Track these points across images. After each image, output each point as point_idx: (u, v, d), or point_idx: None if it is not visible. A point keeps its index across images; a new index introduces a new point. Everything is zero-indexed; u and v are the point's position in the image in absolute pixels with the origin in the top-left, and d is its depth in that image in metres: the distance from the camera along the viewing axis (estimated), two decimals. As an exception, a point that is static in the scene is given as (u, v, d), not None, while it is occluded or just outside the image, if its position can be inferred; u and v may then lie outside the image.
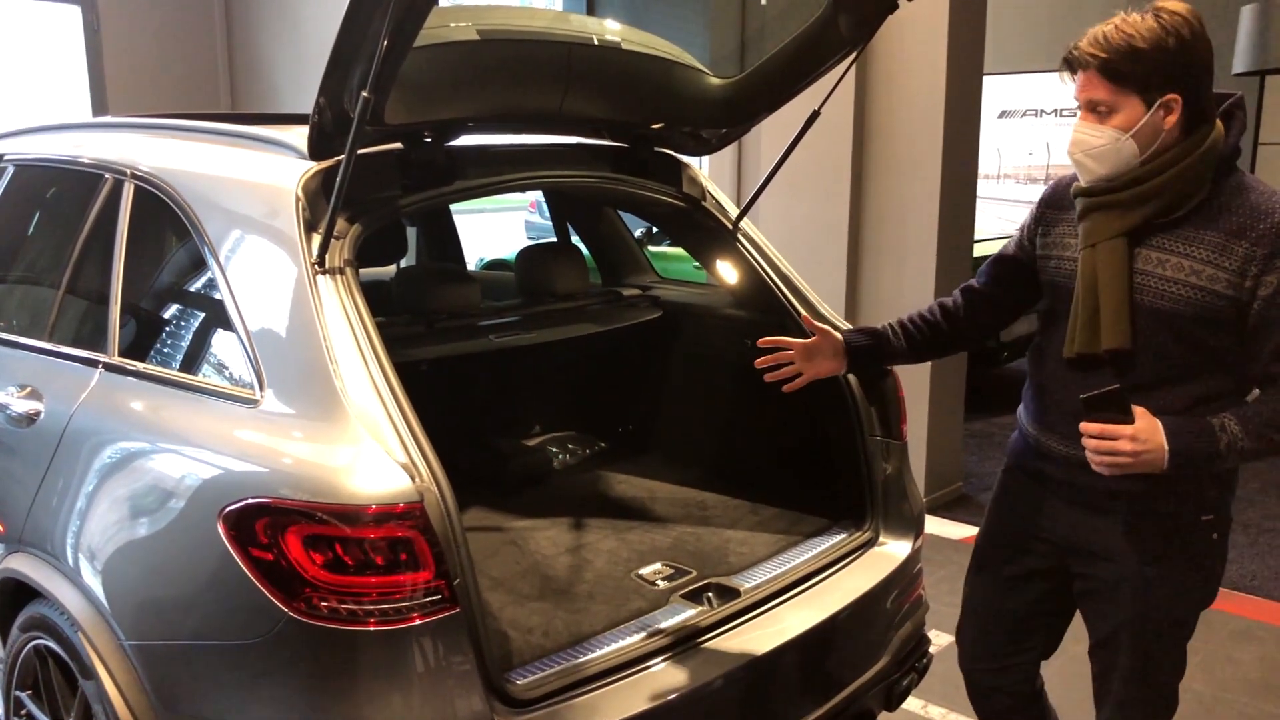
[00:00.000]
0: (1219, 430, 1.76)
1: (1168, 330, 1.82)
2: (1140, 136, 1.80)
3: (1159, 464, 1.77)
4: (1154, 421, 1.77)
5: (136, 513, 2.03)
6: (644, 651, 2.11)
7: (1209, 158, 1.80)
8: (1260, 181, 1.84)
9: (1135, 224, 1.83)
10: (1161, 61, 1.75)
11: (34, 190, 2.87)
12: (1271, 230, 1.75)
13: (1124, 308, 1.82)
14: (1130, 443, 1.75)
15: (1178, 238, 1.82)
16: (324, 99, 1.95)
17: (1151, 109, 1.77)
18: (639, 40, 2.54)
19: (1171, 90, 1.77)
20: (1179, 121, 1.79)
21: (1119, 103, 1.79)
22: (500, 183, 2.42)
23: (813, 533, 2.72)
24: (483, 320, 2.87)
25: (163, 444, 2.05)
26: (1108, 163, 1.83)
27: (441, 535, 1.79)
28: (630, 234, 3.59)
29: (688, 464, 3.19)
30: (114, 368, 2.26)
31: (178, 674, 1.94)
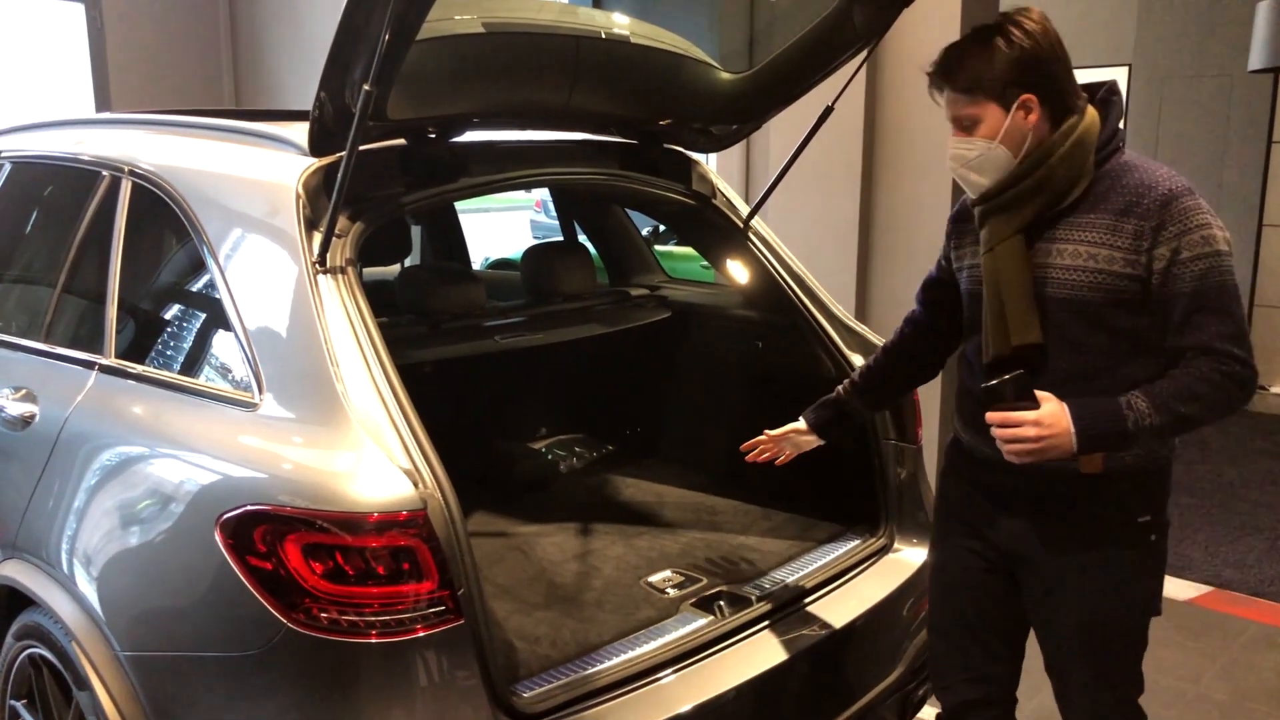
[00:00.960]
0: (1125, 408, 1.73)
1: (1080, 319, 1.81)
2: (1008, 140, 1.83)
3: (1067, 447, 1.74)
4: (1059, 405, 1.76)
5: (132, 520, 1.97)
6: (654, 662, 2.06)
7: (1083, 145, 1.82)
8: (1147, 160, 1.85)
9: (1027, 220, 1.85)
10: (1008, 66, 1.79)
11: (31, 188, 2.82)
12: (1156, 203, 1.76)
13: (1028, 303, 1.83)
14: (1034, 427, 1.74)
15: (1070, 226, 1.83)
16: (325, 93, 1.89)
17: (1010, 112, 1.81)
18: (648, 34, 2.48)
19: (1025, 91, 1.80)
20: (1042, 118, 1.82)
21: (980, 113, 1.83)
22: (505, 180, 2.36)
23: (825, 539, 2.66)
24: (488, 321, 2.81)
25: (159, 449, 1.99)
26: (986, 171, 1.87)
27: (445, 544, 1.73)
28: (638, 233, 3.53)
29: (697, 468, 3.13)
30: (110, 370, 2.21)
31: (174, 686, 1.88)
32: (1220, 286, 1.73)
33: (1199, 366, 1.73)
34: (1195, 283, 1.73)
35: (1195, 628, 3.76)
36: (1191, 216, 1.74)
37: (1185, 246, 1.73)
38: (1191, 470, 5.58)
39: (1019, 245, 1.84)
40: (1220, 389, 1.72)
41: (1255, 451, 5.94)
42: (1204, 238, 1.73)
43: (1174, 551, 4.36)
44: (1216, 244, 1.73)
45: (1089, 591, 1.91)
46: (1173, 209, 1.74)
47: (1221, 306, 1.72)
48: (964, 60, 1.83)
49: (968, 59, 1.83)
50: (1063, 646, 1.98)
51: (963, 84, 1.83)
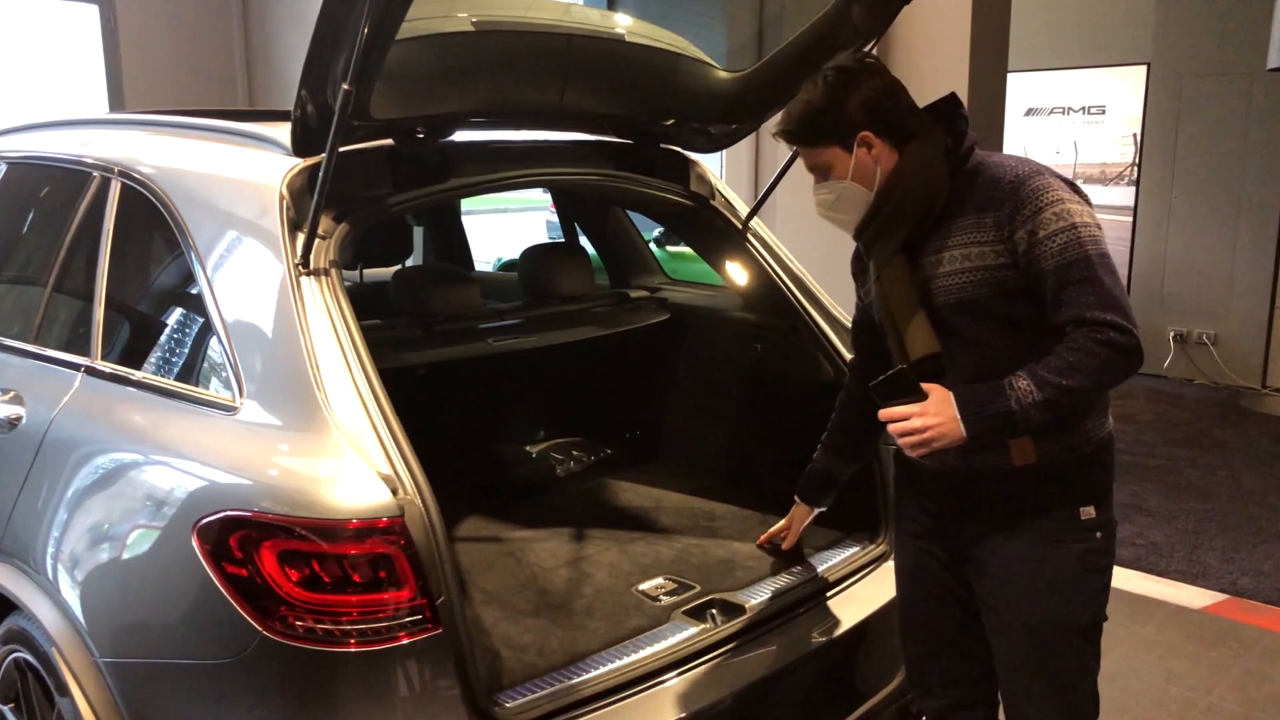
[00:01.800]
0: (1008, 389, 1.76)
1: (974, 319, 1.85)
2: (859, 177, 1.91)
3: (956, 433, 1.78)
4: (945, 394, 1.80)
5: (112, 525, 1.95)
6: (642, 672, 2.02)
7: (929, 163, 1.88)
8: (1000, 155, 1.91)
9: (901, 242, 1.90)
10: (836, 112, 1.88)
11: (25, 188, 2.81)
12: (1006, 190, 1.80)
13: (918, 317, 1.87)
14: (920, 418, 1.79)
15: (944, 235, 1.87)
16: (305, 92, 1.86)
17: (853, 152, 1.89)
18: (644, 32, 2.44)
19: (860, 130, 1.88)
20: (885, 149, 1.89)
21: (826, 159, 1.92)
22: (497, 180, 2.33)
23: (824, 546, 2.61)
24: (483, 323, 2.78)
25: (139, 453, 1.97)
26: (848, 209, 1.95)
27: (424, 552, 1.70)
28: (639, 234, 3.49)
29: (696, 472, 3.08)
30: (95, 372, 2.19)
31: (152, 694, 1.86)
32: (1083, 258, 1.74)
33: (1076, 339, 1.74)
34: (1057, 258, 1.75)
35: (1209, 637, 3.68)
36: (1041, 195, 1.77)
37: (1040, 225, 1.76)
38: (1209, 476, 5.50)
39: (901, 265, 1.90)
40: (1098, 357, 1.72)
41: (1274, 457, 5.84)
42: (1057, 213, 1.75)
43: (1189, 558, 4.34)
44: (1072, 217, 1.75)
45: (1034, 590, 1.89)
46: (1022, 192, 1.78)
47: (1087, 276, 1.73)
48: (800, 117, 1.92)
49: (805, 115, 1.91)
50: (1011, 653, 1.95)
51: (805, 139, 1.93)
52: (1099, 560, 1.91)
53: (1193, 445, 6.05)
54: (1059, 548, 1.88)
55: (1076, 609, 1.90)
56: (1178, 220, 7.56)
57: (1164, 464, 5.69)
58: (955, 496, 1.97)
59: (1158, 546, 4.53)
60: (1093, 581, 1.91)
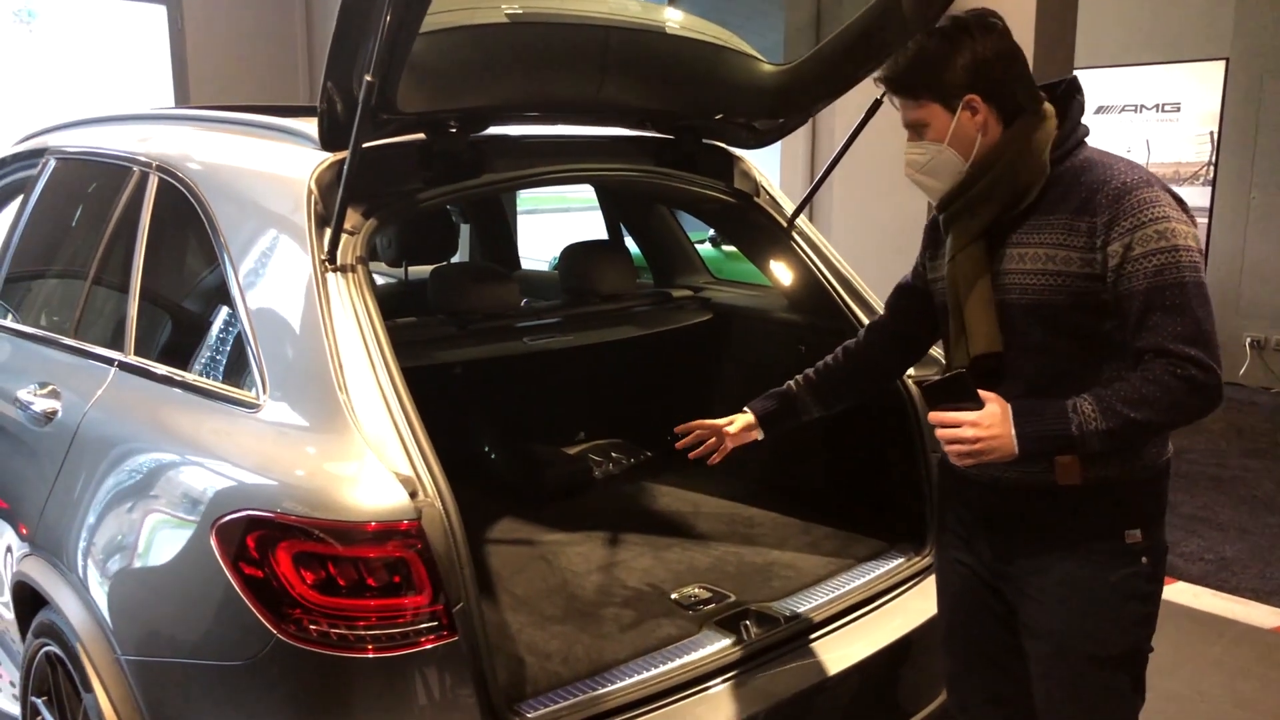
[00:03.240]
0: (1071, 411, 1.64)
1: (1044, 325, 1.73)
2: (957, 143, 1.77)
3: (1007, 449, 1.66)
4: (1003, 406, 1.68)
5: (136, 521, 1.94)
6: (669, 685, 1.96)
7: (1035, 145, 1.74)
8: (1110, 155, 1.76)
9: (985, 226, 1.77)
10: (944, 66, 1.74)
11: (71, 184, 2.83)
12: (1110, 197, 1.66)
13: (986, 312, 1.76)
14: (972, 428, 1.67)
15: (1030, 228, 1.75)
16: (330, 84, 1.83)
17: (955, 114, 1.76)
18: (686, 25, 2.37)
19: (969, 91, 1.74)
20: (990, 119, 1.76)
21: (926, 116, 1.78)
22: (530, 176, 2.28)
23: (867, 556, 2.52)
24: (521, 321, 2.73)
25: (164, 449, 1.96)
26: (938, 175, 1.81)
27: (442, 557, 1.65)
28: (683, 232, 3.41)
29: (737, 477, 3.00)
30: (128, 367, 2.18)
31: (171, 694, 1.84)
32: (1178, 284, 1.61)
33: (1152, 369, 1.61)
34: (1149, 280, 1.61)
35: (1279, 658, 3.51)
36: (1146, 209, 1.63)
37: (1138, 241, 1.62)
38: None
39: (978, 252, 1.78)
40: (1173, 394, 1.60)
41: (1356, 469, 5.58)
42: (1159, 231, 1.62)
43: (1261, 575, 4.14)
44: (1175, 238, 1.62)
45: (1067, 614, 1.77)
46: (1126, 202, 1.64)
47: (1178, 304, 1.60)
48: (906, 65, 1.79)
49: (911, 63, 1.78)
50: (1044, 678, 1.83)
51: (907, 88, 1.79)
52: (1143, 587, 1.78)
53: (1267, 456, 5.80)
54: (1098, 571, 1.76)
55: (1113, 637, 1.78)
56: (1256, 221, 7.28)
57: (1237, 475, 5.46)
58: (994, 509, 1.86)
59: (1228, 562, 4.34)
60: (1133, 609, 1.78)
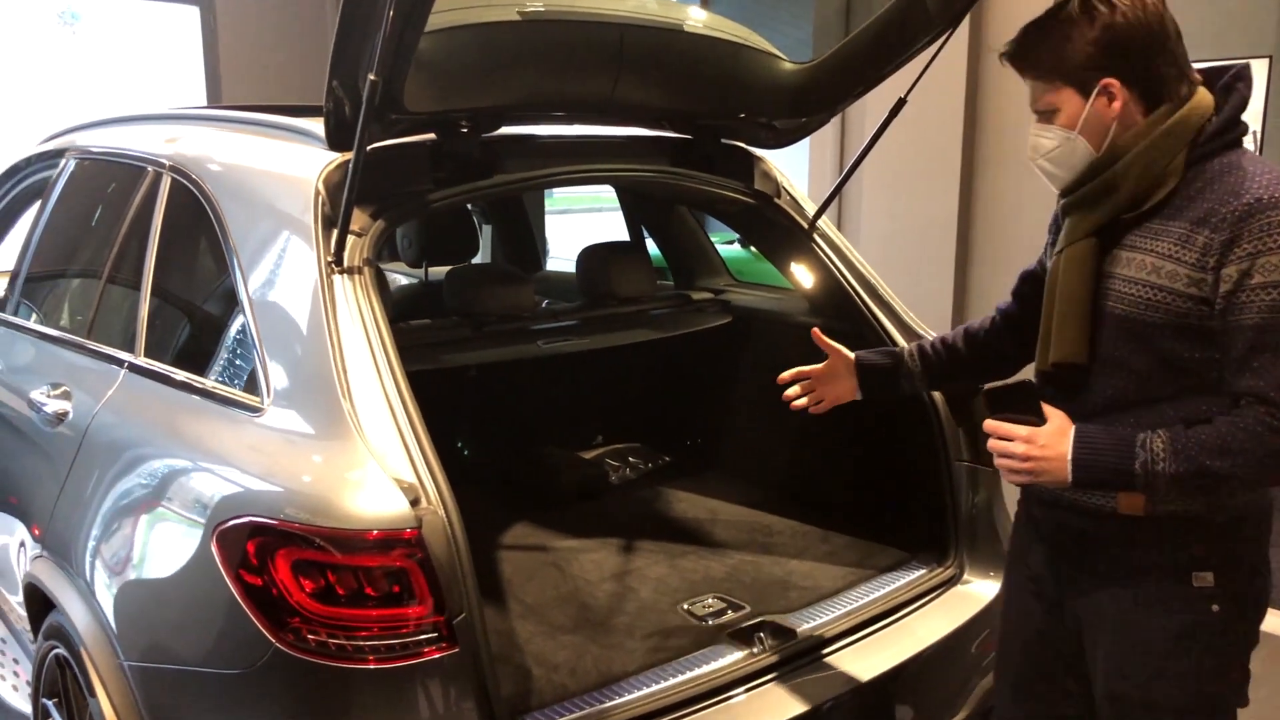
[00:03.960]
0: (1139, 447, 1.48)
1: (1134, 342, 1.56)
2: (1088, 131, 1.59)
3: (1060, 474, 1.54)
4: (1064, 427, 1.55)
5: (140, 525, 1.92)
6: (679, 698, 1.91)
7: (1172, 139, 1.54)
8: (1258, 161, 1.54)
9: (1101, 221, 1.60)
10: (1087, 47, 1.55)
11: (88, 184, 2.83)
12: (1236, 213, 1.46)
13: (1077, 317, 1.60)
14: (1025, 445, 1.55)
15: (1146, 232, 1.57)
16: (336, 82, 1.80)
17: (1090, 100, 1.57)
18: (704, 22, 2.32)
19: (1107, 75, 1.55)
20: (1130, 106, 1.57)
21: (1056, 99, 1.60)
22: (543, 177, 2.24)
23: (888, 567, 2.45)
24: (537, 324, 2.69)
25: (168, 453, 1.94)
26: (1066, 165, 1.63)
27: (444, 566, 1.61)
28: (705, 234, 3.36)
29: (756, 483, 2.95)
30: (137, 369, 2.17)
31: (172, 701, 1.82)
32: None
33: (1246, 417, 1.44)
34: (1262, 314, 1.43)
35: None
36: (1273, 232, 1.43)
37: (1259, 269, 1.43)
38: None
39: (1087, 250, 1.60)
40: (1265, 447, 1.43)
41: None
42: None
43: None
44: None
45: (1120, 655, 1.64)
46: (1254, 223, 1.44)
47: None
48: (1038, 40, 1.59)
49: (1043, 39, 1.59)
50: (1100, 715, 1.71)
51: (1036, 68, 1.61)
52: (1212, 639, 1.58)
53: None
54: (1153, 614, 1.60)
55: (1168, 688, 1.60)
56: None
57: None
58: (1058, 526, 1.72)
59: None
60: (1195, 662, 1.58)
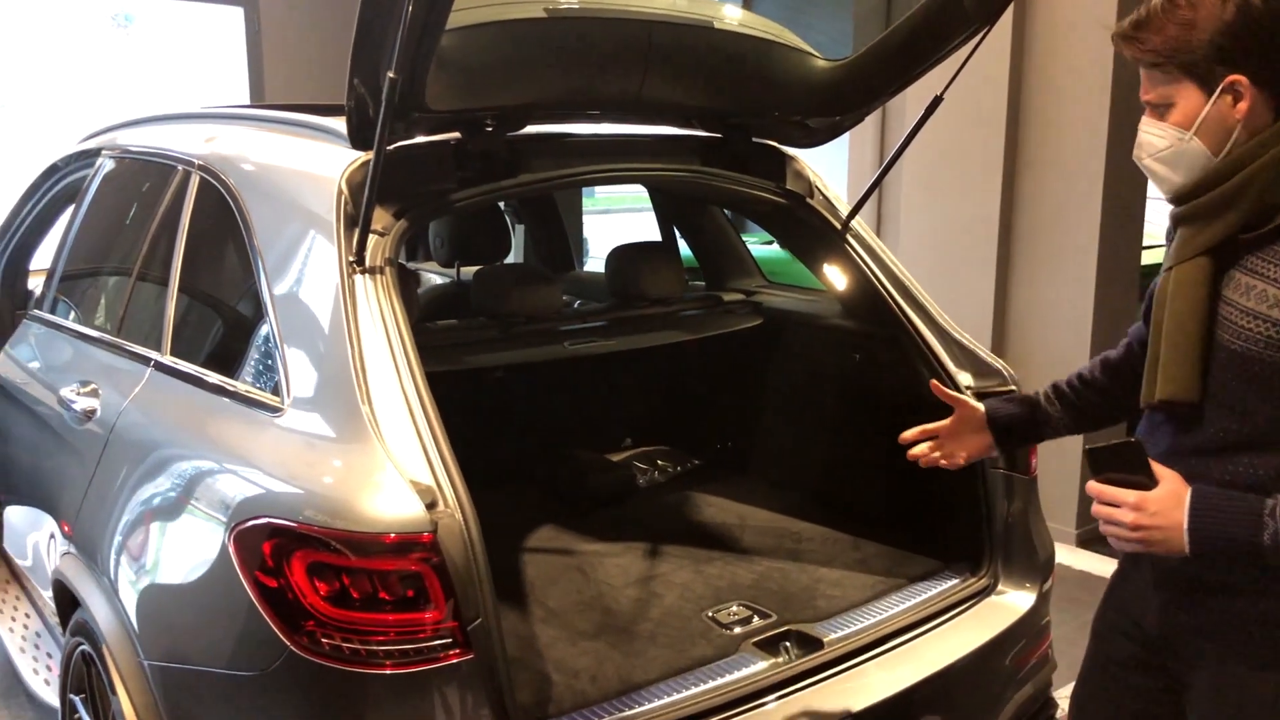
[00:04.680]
0: (1267, 515, 1.31)
1: (1249, 383, 1.38)
2: (1206, 133, 1.40)
3: (1176, 546, 1.36)
4: (1179, 490, 1.37)
5: (161, 524, 1.92)
6: (701, 708, 1.88)
7: None
8: None
9: (1215, 239, 1.41)
10: (1215, 35, 1.36)
11: (120, 183, 2.85)
12: None
13: (1188, 347, 1.42)
14: (1133, 512, 1.37)
15: (1271, 256, 1.38)
16: (357, 80, 1.78)
17: (1213, 98, 1.39)
18: (735, 19, 2.28)
19: (1235, 70, 1.37)
20: (1259, 108, 1.39)
21: (1173, 93, 1.42)
22: (569, 176, 2.21)
23: (919, 576, 2.40)
24: (564, 325, 2.67)
25: (189, 452, 1.94)
26: (1179, 169, 1.45)
27: (460, 570, 1.59)
28: (737, 234, 3.31)
29: (786, 489, 2.90)
30: (163, 367, 2.17)
31: (190, 701, 1.82)
32: None
33: None
34: None
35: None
36: None
37: None
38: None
39: (1199, 271, 1.42)
40: None
41: None
42: None
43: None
44: None
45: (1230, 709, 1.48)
46: None
47: None
48: (1158, 22, 1.40)
49: (1163, 21, 1.39)
50: None
51: (1152, 54, 1.41)
52: None
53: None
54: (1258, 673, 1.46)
55: None
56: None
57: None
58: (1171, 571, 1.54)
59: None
60: None
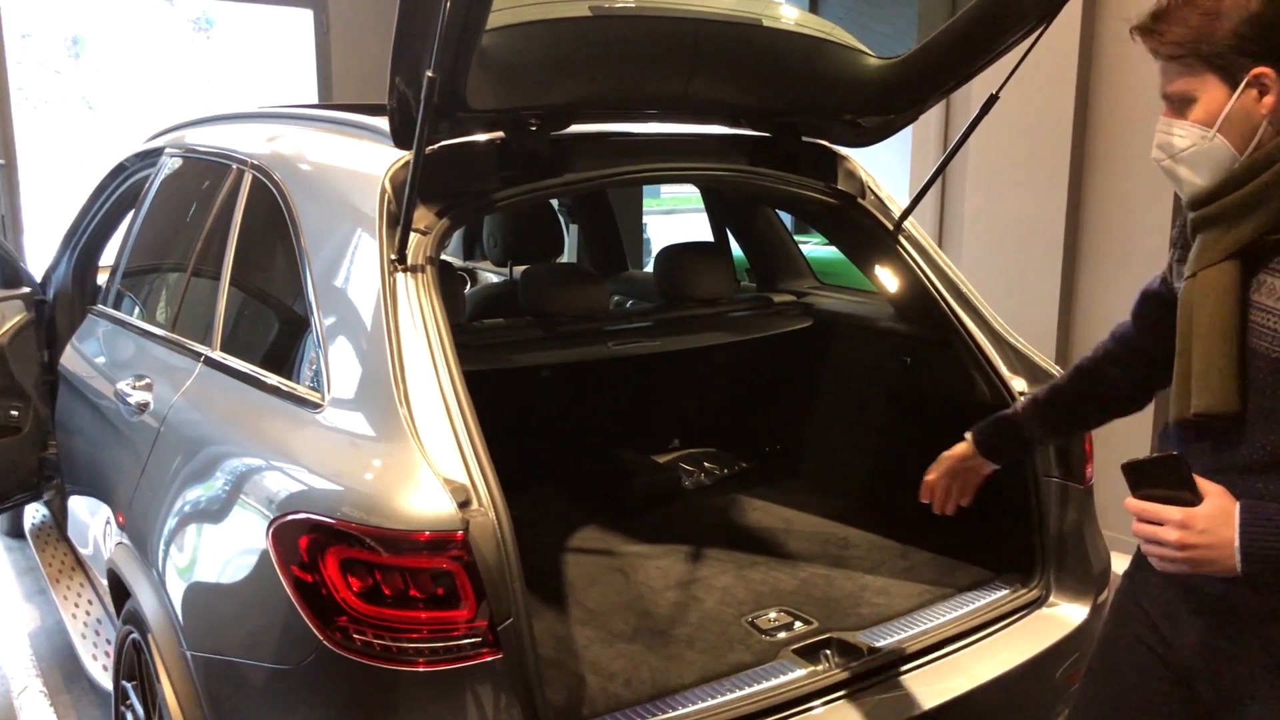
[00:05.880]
0: None
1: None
2: (1231, 129, 1.35)
3: (1226, 564, 1.28)
4: (1225, 506, 1.29)
5: (206, 517, 1.95)
6: (736, 714, 1.86)
7: None
8: None
9: (1243, 241, 1.34)
10: (1239, 25, 1.31)
11: (179, 181, 2.91)
12: None
13: (1222, 355, 1.35)
14: (1179, 530, 1.29)
15: None
16: (399, 79, 1.79)
17: (1238, 91, 1.34)
18: (785, 17, 2.25)
19: (1261, 62, 1.32)
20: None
21: (1194, 88, 1.36)
22: (613, 175, 2.20)
23: (968, 586, 2.34)
24: (610, 325, 2.66)
25: (233, 447, 1.96)
26: (1200, 168, 1.39)
27: (492, 570, 1.59)
28: (788, 234, 3.27)
29: (834, 494, 2.85)
30: (213, 362, 2.21)
31: (229, 691, 1.84)
32: None
33: None
34: None
35: None
36: None
37: None
38: None
39: (1227, 275, 1.36)
40: None
41: None
42: None
43: None
44: None
45: None
46: None
47: None
48: (1180, 13, 1.35)
49: (1185, 11, 1.35)
50: None
51: (1173, 46, 1.36)
52: None
53: None
54: None
55: None
56: None
57: None
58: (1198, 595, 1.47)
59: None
60: None
